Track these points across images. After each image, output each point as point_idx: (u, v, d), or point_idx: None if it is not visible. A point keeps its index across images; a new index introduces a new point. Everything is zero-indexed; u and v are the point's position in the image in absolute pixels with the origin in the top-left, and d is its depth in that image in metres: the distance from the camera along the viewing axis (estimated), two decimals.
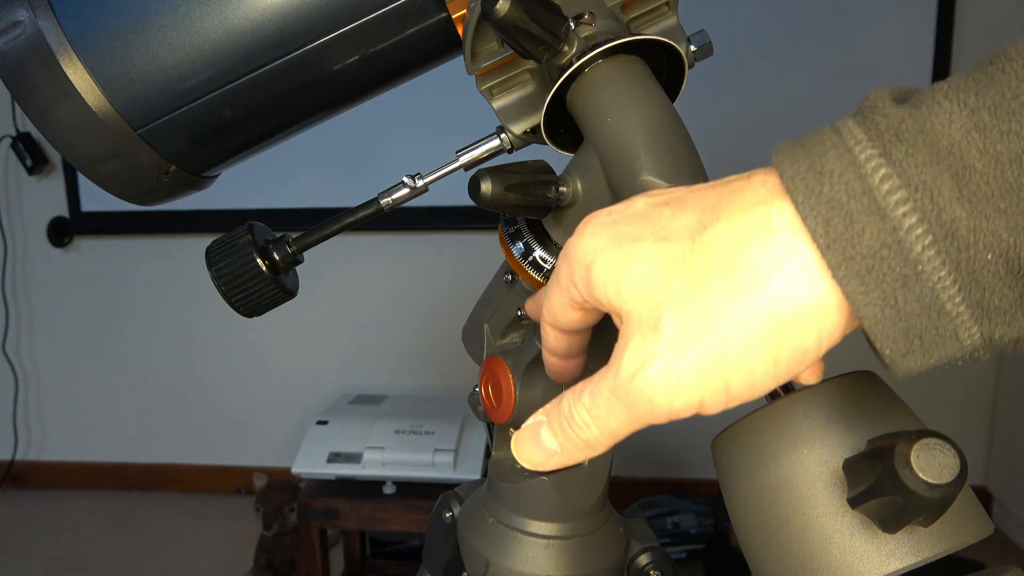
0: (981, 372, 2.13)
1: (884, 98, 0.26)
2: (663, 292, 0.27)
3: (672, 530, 1.91)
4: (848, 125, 0.26)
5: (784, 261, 0.25)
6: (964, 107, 0.24)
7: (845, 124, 0.26)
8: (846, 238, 0.25)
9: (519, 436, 0.32)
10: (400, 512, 1.62)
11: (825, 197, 0.25)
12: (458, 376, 2.16)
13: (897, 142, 0.24)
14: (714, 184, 0.29)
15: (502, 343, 0.51)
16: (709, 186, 0.29)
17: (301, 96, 0.46)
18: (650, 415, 0.28)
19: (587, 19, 0.39)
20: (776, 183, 0.26)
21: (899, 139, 0.24)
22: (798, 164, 0.26)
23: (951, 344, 0.25)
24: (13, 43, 0.42)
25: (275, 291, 0.48)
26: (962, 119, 0.24)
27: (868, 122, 0.25)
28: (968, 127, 0.24)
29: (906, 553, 0.28)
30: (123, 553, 2.13)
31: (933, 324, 0.25)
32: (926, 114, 0.24)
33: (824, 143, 0.26)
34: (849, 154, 0.25)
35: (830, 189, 0.25)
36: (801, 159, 0.26)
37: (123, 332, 2.43)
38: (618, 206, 0.30)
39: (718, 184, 0.28)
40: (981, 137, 0.24)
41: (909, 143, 0.24)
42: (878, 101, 0.26)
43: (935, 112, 0.24)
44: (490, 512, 0.50)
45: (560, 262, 0.31)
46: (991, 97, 0.24)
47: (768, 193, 0.26)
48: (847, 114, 0.26)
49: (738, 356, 0.26)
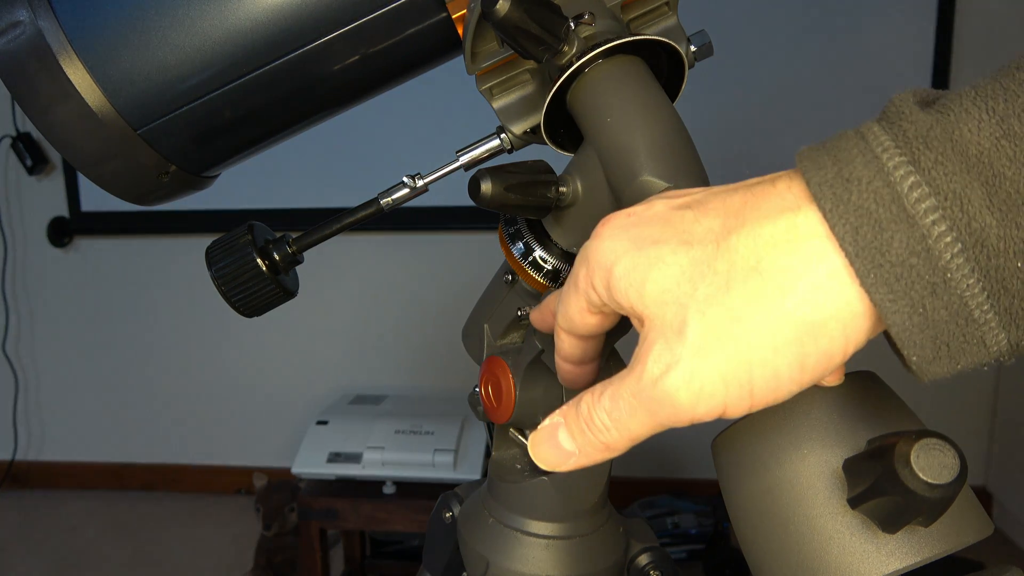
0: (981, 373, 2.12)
1: (909, 103, 0.25)
2: (687, 297, 0.27)
3: (672, 530, 1.91)
4: (874, 131, 0.26)
5: (812, 268, 0.25)
6: (993, 114, 0.24)
7: (871, 130, 0.26)
8: (875, 246, 0.24)
9: (536, 437, 0.32)
10: (400, 512, 1.62)
11: (854, 205, 0.25)
12: (458, 376, 2.16)
13: (926, 149, 0.24)
14: (736, 187, 0.28)
15: (502, 343, 0.51)
16: (730, 189, 0.28)
17: (301, 96, 0.46)
18: (673, 419, 0.28)
19: (587, 19, 0.39)
20: (802, 189, 0.26)
21: (928, 146, 0.24)
22: (825, 171, 0.26)
23: (978, 351, 0.25)
24: (13, 43, 0.42)
25: (275, 291, 0.48)
26: (991, 127, 0.24)
27: (895, 128, 0.25)
28: (997, 135, 0.24)
29: (906, 553, 0.28)
30: (123, 553, 2.13)
31: (961, 331, 0.25)
32: (954, 121, 0.24)
33: (850, 149, 0.26)
34: (877, 161, 0.25)
35: (858, 197, 0.25)
36: (828, 165, 0.26)
37: (123, 332, 2.43)
38: (636, 208, 0.30)
39: (740, 187, 0.28)
40: (1011, 145, 0.24)
41: (938, 150, 0.24)
42: (904, 106, 0.25)
43: (963, 119, 0.24)
44: (490, 512, 0.50)
45: (578, 266, 0.31)
46: (1021, 104, 0.24)
47: (795, 199, 0.26)
48: (871, 118, 0.26)
49: (764, 362, 0.26)
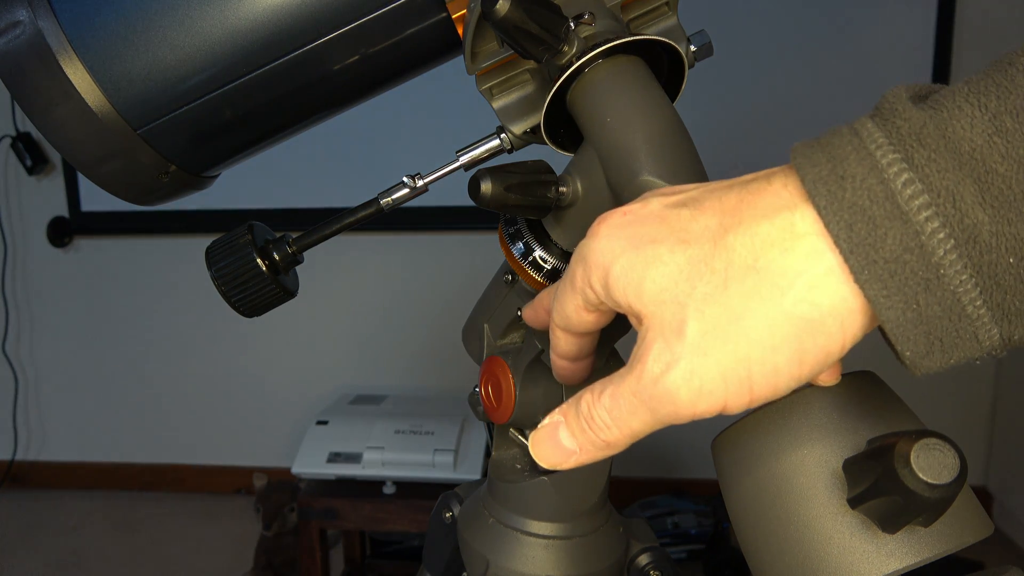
0: (981, 372, 2.13)
1: (902, 99, 0.25)
2: (685, 295, 0.27)
3: (672, 530, 1.91)
4: (867, 127, 0.26)
5: (808, 265, 0.26)
6: (985, 111, 0.24)
7: (864, 126, 0.26)
8: (869, 243, 0.25)
9: (537, 436, 0.32)
10: (400, 512, 1.62)
11: (847, 202, 0.25)
12: (458, 376, 2.16)
13: (919, 146, 0.24)
14: (731, 184, 0.28)
15: (502, 343, 0.51)
16: (726, 186, 0.28)
17: (301, 96, 0.46)
18: (673, 417, 0.28)
19: (587, 19, 0.39)
20: (797, 186, 0.26)
21: (921, 143, 0.24)
22: (819, 168, 0.26)
23: (971, 345, 0.25)
24: (13, 43, 0.42)
25: (275, 291, 0.48)
26: (983, 123, 0.24)
27: (888, 125, 0.25)
28: (990, 131, 0.24)
29: (906, 553, 0.28)
30: (123, 553, 2.13)
31: (954, 326, 0.25)
32: (947, 118, 0.24)
33: (844, 146, 0.26)
34: (871, 158, 0.25)
35: (852, 194, 0.25)
36: (822, 162, 0.26)
37: (123, 332, 2.43)
38: (632, 206, 0.30)
39: (735, 184, 0.28)
40: (1003, 142, 0.24)
41: (931, 148, 0.24)
42: (897, 103, 0.25)
43: (956, 116, 0.24)
44: (490, 512, 0.50)
45: (574, 265, 0.31)
46: (1012, 102, 0.24)
47: (790, 197, 0.26)
48: (864, 114, 0.26)
49: (763, 359, 0.26)
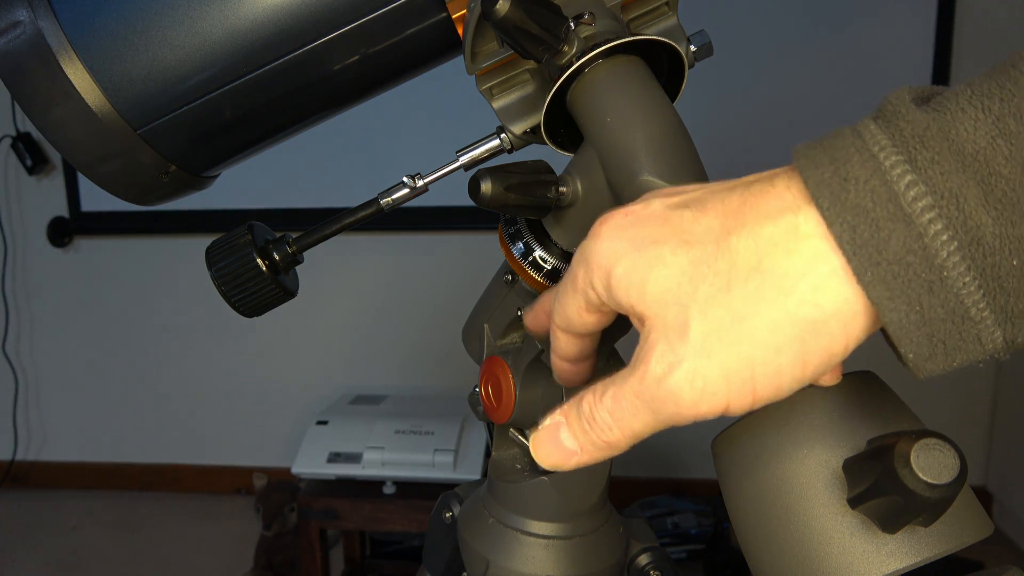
0: (981, 372, 2.13)
1: (905, 101, 0.25)
2: (688, 297, 0.27)
3: (672, 530, 1.91)
4: (870, 129, 0.26)
5: (811, 267, 0.26)
6: (988, 113, 0.24)
7: (867, 128, 0.26)
8: (872, 245, 0.25)
9: (538, 437, 0.32)
10: (400, 512, 1.62)
11: (851, 204, 0.25)
12: (458, 376, 2.16)
13: (922, 148, 0.24)
14: (733, 185, 0.28)
15: (502, 343, 0.51)
16: (727, 187, 0.28)
17: (301, 96, 0.46)
18: (675, 418, 0.28)
19: (587, 19, 0.39)
20: (800, 188, 0.26)
21: (924, 145, 0.24)
22: (822, 169, 0.26)
23: (973, 347, 0.25)
24: (13, 43, 0.42)
25: (275, 291, 0.48)
26: (987, 126, 0.24)
27: (892, 127, 0.25)
28: (993, 134, 0.24)
29: (906, 553, 0.28)
30: (123, 553, 2.13)
31: (957, 329, 0.25)
32: (950, 120, 0.24)
33: (847, 147, 0.26)
34: (874, 160, 0.25)
35: (856, 196, 0.25)
36: (825, 164, 0.26)
37: (123, 332, 2.43)
38: (633, 207, 0.30)
39: (738, 185, 0.28)
40: (1007, 144, 0.24)
41: (934, 150, 0.24)
42: (900, 104, 0.25)
43: (959, 118, 0.24)
44: (490, 512, 0.50)
45: (576, 266, 0.31)
46: (1016, 104, 0.24)
47: (793, 199, 0.26)
48: (866, 115, 0.26)
49: (766, 360, 0.26)
